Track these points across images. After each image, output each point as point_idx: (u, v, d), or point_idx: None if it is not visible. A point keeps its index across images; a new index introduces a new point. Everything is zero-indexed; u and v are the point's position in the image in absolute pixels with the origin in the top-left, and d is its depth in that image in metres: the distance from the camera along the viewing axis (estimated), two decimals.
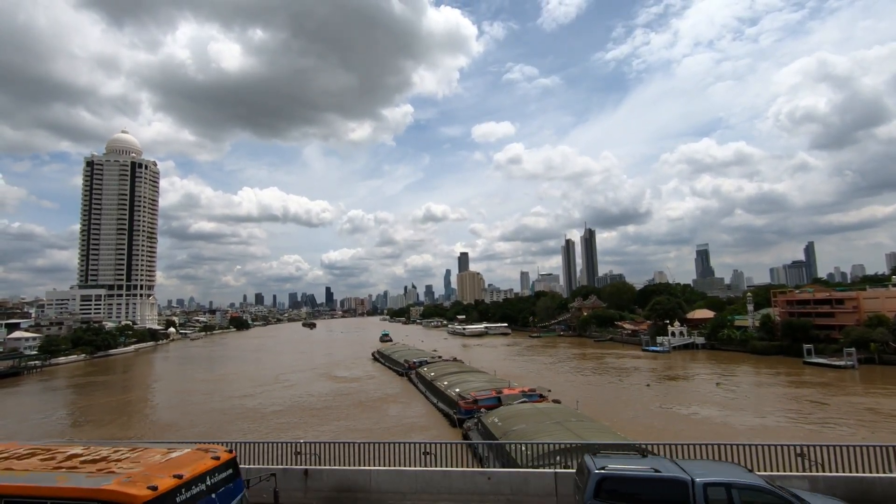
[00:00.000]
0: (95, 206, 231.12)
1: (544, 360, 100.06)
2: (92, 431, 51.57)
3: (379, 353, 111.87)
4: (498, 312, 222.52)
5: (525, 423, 34.78)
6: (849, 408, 50.07)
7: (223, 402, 65.80)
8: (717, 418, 48.15)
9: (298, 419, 54.64)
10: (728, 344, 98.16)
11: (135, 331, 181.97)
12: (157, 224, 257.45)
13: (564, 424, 33.24)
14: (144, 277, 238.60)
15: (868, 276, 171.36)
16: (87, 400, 73.36)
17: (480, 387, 52.47)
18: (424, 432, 46.20)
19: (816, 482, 12.74)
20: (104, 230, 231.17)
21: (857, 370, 69.64)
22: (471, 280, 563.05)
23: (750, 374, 73.47)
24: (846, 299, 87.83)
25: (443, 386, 57.05)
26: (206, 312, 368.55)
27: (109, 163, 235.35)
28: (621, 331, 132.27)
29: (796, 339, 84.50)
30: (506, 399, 46.45)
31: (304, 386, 77.27)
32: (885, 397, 54.79)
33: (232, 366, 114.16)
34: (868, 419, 45.61)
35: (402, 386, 74.90)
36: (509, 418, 37.14)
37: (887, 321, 76.64)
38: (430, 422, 50.07)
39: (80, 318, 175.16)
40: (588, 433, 30.62)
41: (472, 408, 45.25)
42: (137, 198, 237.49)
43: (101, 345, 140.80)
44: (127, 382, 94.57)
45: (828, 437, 39.31)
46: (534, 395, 48.53)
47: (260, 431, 49.28)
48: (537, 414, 37.27)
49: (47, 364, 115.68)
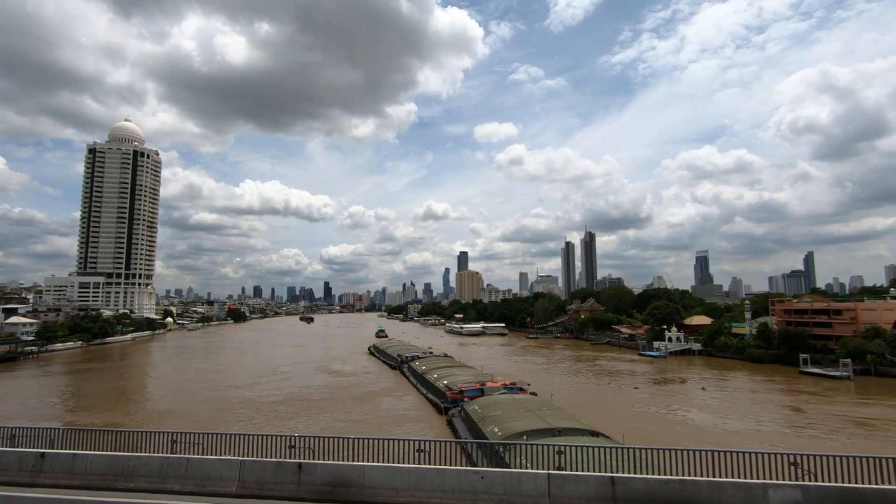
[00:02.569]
0: (96, 194, 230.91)
1: (537, 361, 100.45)
2: (88, 417, 51.61)
3: (375, 347, 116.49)
4: (496, 312, 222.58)
5: (501, 410, 39.51)
6: (836, 418, 50.29)
7: (221, 392, 65.98)
8: (699, 421, 49.25)
9: (295, 409, 55.16)
10: (725, 351, 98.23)
11: (132, 320, 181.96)
12: (158, 213, 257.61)
13: (535, 412, 37.97)
14: (143, 266, 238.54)
15: (867, 288, 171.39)
16: (84, 386, 73.46)
17: (467, 380, 57.36)
18: (414, 424, 48.27)
19: (809, 491, 12.76)
20: (104, 218, 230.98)
21: (852, 381, 69.69)
22: (470, 279, 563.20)
23: (743, 381, 73.70)
24: (844, 310, 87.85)
25: (432, 378, 62.07)
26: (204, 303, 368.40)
27: (112, 151, 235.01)
28: (618, 334, 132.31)
29: (793, 348, 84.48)
30: (489, 391, 51.38)
31: (301, 378, 77.55)
32: (878, 408, 54.95)
33: (230, 357, 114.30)
34: (860, 431, 45.79)
35: (396, 379, 76.82)
36: (488, 406, 41.94)
37: (884, 333, 76.68)
38: (420, 413, 52.96)
39: (78, 305, 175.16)
40: (553, 419, 35.57)
41: (458, 398, 50.09)
42: (139, 186, 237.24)
43: (99, 332, 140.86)
44: (124, 370, 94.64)
45: (822, 446, 39.40)
46: (514, 389, 53.85)
47: (257, 421, 49.57)
48: (513, 403, 42.43)
49: (44, 350, 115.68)
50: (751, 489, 13.04)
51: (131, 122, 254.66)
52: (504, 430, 33.62)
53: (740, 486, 13.16)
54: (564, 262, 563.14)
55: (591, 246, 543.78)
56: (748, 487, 13.09)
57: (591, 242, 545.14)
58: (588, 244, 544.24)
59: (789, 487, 12.95)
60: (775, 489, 12.92)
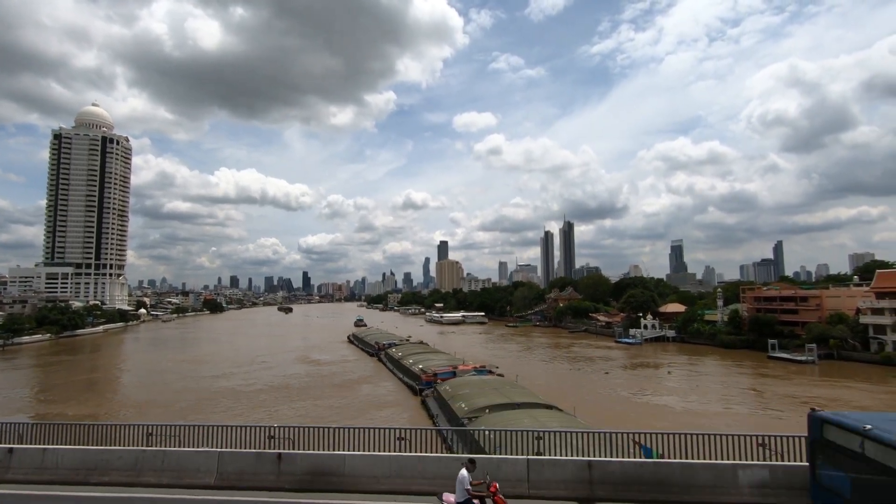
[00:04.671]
0: (63, 181, 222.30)
1: (513, 348, 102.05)
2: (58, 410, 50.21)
3: (354, 336, 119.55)
4: (476, 301, 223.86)
5: (469, 388, 44.21)
6: (791, 399, 53.06)
7: (199, 383, 65.10)
8: (663, 403, 52.30)
9: (276, 397, 55.14)
10: (698, 337, 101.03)
11: (103, 311, 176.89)
12: (129, 202, 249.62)
13: (499, 390, 42.90)
14: (114, 256, 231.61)
15: (832, 276, 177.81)
16: (54, 379, 71.40)
17: (440, 364, 61.62)
18: (392, 408, 50.81)
19: (776, 471, 13.27)
20: (72, 206, 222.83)
21: (816, 365, 72.60)
22: (449, 268, 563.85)
23: (714, 366, 76.28)
24: (810, 297, 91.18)
25: (408, 363, 66.01)
26: (178, 294, 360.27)
27: (79, 136, 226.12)
28: (596, 322, 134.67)
29: (762, 334, 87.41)
30: (460, 373, 55.32)
31: (281, 367, 77.13)
32: (826, 389, 58.30)
33: (207, 347, 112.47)
34: (804, 408, 48.04)
35: (374, 365, 78.66)
36: (458, 385, 46.54)
37: (847, 319, 79.94)
38: (397, 397, 56.15)
39: (46, 296, 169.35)
40: (514, 395, 40.48)
41: (432, 380, 53.60)
42: (108, 174, 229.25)
43: (68, 324, 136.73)
44: (96, 362, 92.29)
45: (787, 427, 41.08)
46: (483, 371, 58.51)
47: (238, 409, 49.23)
48: (480, 383, 47.33)
49: (10, 343, 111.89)
50: (721, 470, 13.49)
51: (99, 107, 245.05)
52: (470, 406, 38.33)
53: (711, 468, 13.60)
54: (543, 251, 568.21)
55: (570, 235, 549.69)
56: (719, 468, 13.53)
57: (570, 232, 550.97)
58: (567, 233, 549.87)
59: (758, 467, 13.44)
60: (744, 469, 13.39)
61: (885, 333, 74.43)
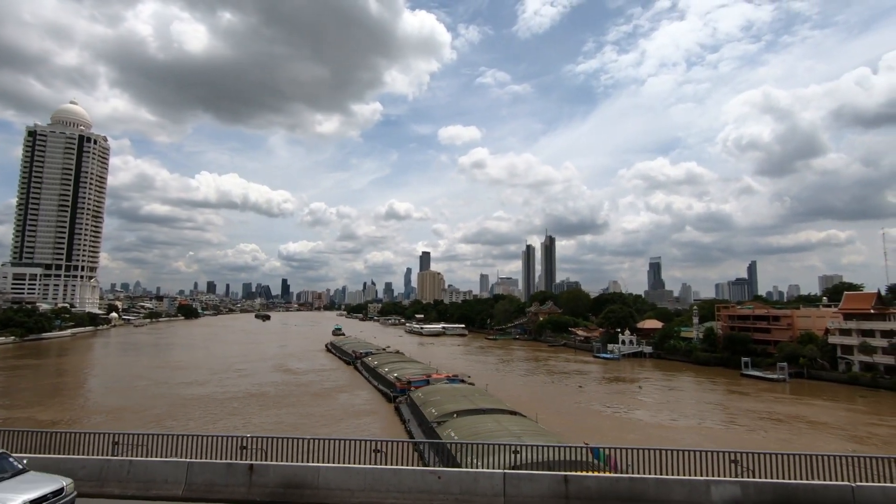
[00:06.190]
0: (36, 180, 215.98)
1: (491, 361, 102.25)
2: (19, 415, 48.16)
3: (331, 344, 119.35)
4: (457, 313, 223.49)
5: (440, 395, 46.45)
6: (756, 416, 54.23)
7: (171, 389, 63.35)
8: (633, 417, 53.21)
9: (250, 405, 54.02)
10: (674, 354, 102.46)
11: (73, 314, 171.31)
12: (105, 203, 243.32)
13: (468, 397, 45.53)
14: (87, 258, 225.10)
15: (802, 296, 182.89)
16: (16, 383, 68.59)
17: (415, 372, 63.21)
18: (367, 416, 51.32)
19: (748, 487, 13.49)
20: (44, 205, 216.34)
21: (787, 383, 74.22)
22: (431, 280, 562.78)
23: (688, 382, 77.53)
24: (782, 317, 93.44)
25: (384, 372, 67.34)
26: (152, 298, 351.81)
27: (55, 134, 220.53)
28: (575, 337, 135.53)
29: (736, 351, 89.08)
30: (433, 381, 57.26)
31: (257, 375, 75.59)
32: (791, 406, 59.69)
33: (181, 354, 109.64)
34: (773, 426, 49.76)
35: (351, 374, 78.83)
36: (430, 393, 48.66)
37: (816, 339, 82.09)
38: (373, 406, 56.56)
39: (11, 297, 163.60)
40: (481, 402, 43.46)
41: (406, 387, 54.95)
42: (84, 173, 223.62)
43: (34, 327, 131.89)
44: (62, 367, 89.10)
45: (758, 444, 41.86)
46: (455, 380, 60.40)
47: (211, 416, 48.05)
48: (451, 390, 49.63)
49: None
50: (695, 485, 13.66)
51: (77, 105, 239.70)
52: (439, 411, 40.58)
53: (685, 483, 13.76)
54: (525, 264, 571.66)
55: (551, 250, 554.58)
56: (693, 484, 13.71)
57: (552, 246, 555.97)
58: (548, 248, 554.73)
59: (730, 484, 13.65)
60: (717, 485, 13.59)
61: (851, 354, 76.54)
